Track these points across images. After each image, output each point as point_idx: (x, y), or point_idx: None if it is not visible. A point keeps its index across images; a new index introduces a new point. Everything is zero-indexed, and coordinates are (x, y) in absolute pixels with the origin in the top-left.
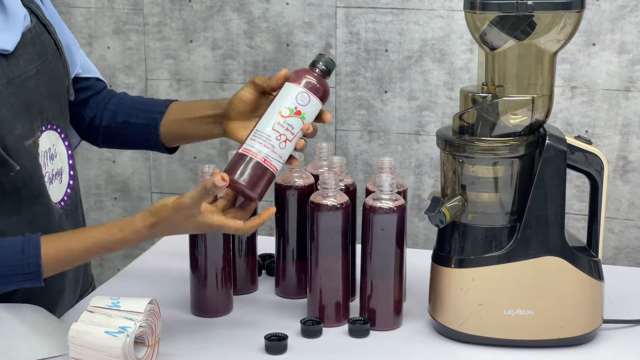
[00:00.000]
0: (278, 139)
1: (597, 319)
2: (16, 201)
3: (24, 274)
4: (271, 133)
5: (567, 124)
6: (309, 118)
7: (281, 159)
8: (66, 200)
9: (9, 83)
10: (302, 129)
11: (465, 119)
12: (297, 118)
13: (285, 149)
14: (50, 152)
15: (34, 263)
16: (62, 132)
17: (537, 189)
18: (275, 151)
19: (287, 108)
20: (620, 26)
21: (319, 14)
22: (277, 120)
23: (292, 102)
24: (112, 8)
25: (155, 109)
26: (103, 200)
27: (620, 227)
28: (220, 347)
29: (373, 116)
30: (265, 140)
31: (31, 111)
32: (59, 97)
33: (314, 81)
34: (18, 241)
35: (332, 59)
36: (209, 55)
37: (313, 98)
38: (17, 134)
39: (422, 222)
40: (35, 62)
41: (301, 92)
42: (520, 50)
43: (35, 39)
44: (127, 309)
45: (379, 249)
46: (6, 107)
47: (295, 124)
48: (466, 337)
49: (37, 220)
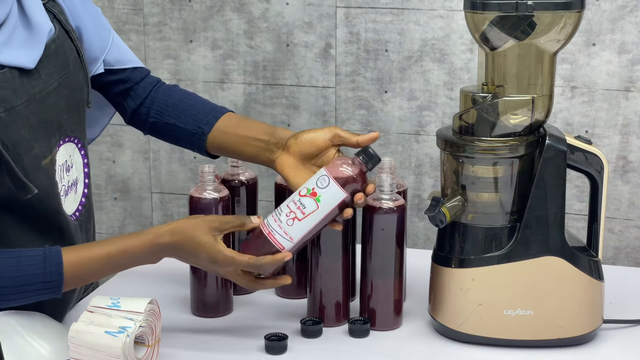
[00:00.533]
0: (287, 215)
1: (597, 319)
2: (30, 215)
3: (45, 282)
4: (283, 209)
5: (567, 124)
6: (326, 203)
7: (287, 235)
8: (81, 210)
9: (29, 101)
10: (320, 208)
11: (465, 119)
12: (312, 199)
13: (293, 227)
14: (66, 164)
15: (56, 272)
16: (79, 143)
17: (537, 189)
18: (281, 227)
19: (305, 187)
20: (620, 26)
21: (319, 14)
22: (293, 197)
23: (312, 183)
24: (112, 8)
25: (205, 118)
26: (103, 200)
27: (620, 227)
28: (220, 347)
29: (373, 116)
30: (277, 215)
31: (50, 128)
32: (78, 108)
33: (342, 168)
34: (39, 251)
35: (375, 154)
36: (209, 55)
37: (333, 183)
38: (35, 154)
39: (422, 222)
40: (57, 75)
41: (323, 175)
42: (520, 50)
43: (59, 50)
44: (127, 309)
45: (379, 249)
46: (25, 127)
47: (308, 205)
48: (466, 337)
49: (50, 233)
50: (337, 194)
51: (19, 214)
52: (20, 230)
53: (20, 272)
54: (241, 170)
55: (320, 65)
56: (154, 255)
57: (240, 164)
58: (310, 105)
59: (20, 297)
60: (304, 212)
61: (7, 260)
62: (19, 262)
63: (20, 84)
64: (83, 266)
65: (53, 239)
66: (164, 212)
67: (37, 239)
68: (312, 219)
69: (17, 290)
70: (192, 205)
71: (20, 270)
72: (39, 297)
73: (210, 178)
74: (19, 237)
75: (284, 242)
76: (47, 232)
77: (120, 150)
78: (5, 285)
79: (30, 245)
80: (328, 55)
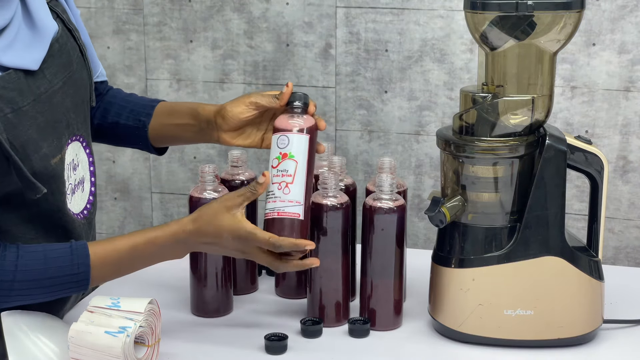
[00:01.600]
0: (279, 188)
1: (597, 319)
2: (35, 213)
3: (73, 274)
4: (272, 187)
5: (567, 124)
6: (299, 153)
7: (292, 202)
8: (89, 208)
9: (36, 101)
10: (298, 160)
11: (465, 119)
12: (286, 160)
13: (292, 192)
14: (73, 162)
15: (83, 263)
16: (84, 141)
17: (537, 189)
18: (283, 200)
19: (274, 158)
20: (620, 26)
21: (319, 14)
22: (272, 173)
23: (275, 151)
24: (112, 8)
25: (143, 111)
26: (103, 200)
27: (620, 227)
28: (220, 347)
29: (373, 116)
30: (272, 197)
31: (59, 127)
32: (83, 106)
33: (287, 120)
34: (65, 245)
35: (299, 93)
36: (209, 55)
37: (292, 135)
38: (44, 153)
39: (422, 222)
40: (61, 75)
41: (278, 137)
42: (520, 50)
43: (62, 49)
44: (127, 309)
45: (379, 249)
46: (33, 127)
47: (288, 166)
48: (466, 337)
49: (54, 232)
50: (301, 139)
51: (24, 212)
52: (25, 229)
53: (48, 265)
54: (241, 170)
55: (320, 65)
56: (180, 247)
57: (240, 163)
58: None
59: (48, 291)
60: (290, 174)
61: (35, 254)
62: (46, 255)
63: (25, 85)
64: (109, 258)
65: (57, 238)
66: (164, 212)
67: (41, 238)
68: (300, 173)
69: (45, 283)
70: (192, 205)
71: (47, 263)
72: (67, 291)
73: (210, 178)
74: (23, 235)
75: (294, 209)
76: (51, 230)
77: (120, 150)
78: (34, 278)
79: (33, 238)
80: (328, 55)
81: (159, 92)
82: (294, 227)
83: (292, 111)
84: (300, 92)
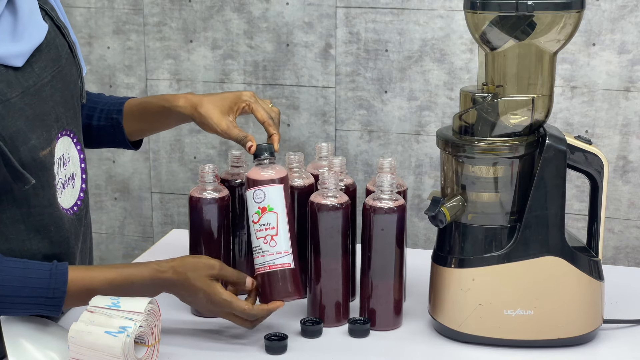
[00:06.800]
0: (265, 242)
1: (597, 319)
2: (25, 210)
3: (47, 298)
4: (257, 242)
5: (567, 124)
6: (277, 204)
7: (281, 254)
8: (79, 204)
9: (24, 93)
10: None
11: (465, 119)
12: (267, 213)
13: (278, 244)
14: (64, 157)
15: (59, 289)
16: (74, 137)
17: (537, 189)
18: (271, 253)
19: (253, 214)
20: (620, 26)
21: (319, 14)
22: (254, 229)
23: (253, 206)
24: (112, 8)
25: (113, 109)
26: (103, 200)
27: (620, 227)
28: (220, 347)
29: (373, 116)
30: (259, 252)
31: (48, 120)
32: (73, 102)
33: (259, 173)
34: (46, 266)
35: (267, 145)
36: (209, 55)
37: (266, 188)
38: (32, 145)
39: (422, 222)
40: (49, 69)
41: (254, 192)
42: (520, 50)
43: (50, 45)
44: (127, 309)
45: (379, 249)
46: (21, 118)
47: (270, 219)
48: (466, 337)
49: (45, 228)
50: (276, 189)
51: (14, 212)
52: (16, 230)
53: (24, 284)
54: (241, 170)
55: (320, 65)
56: (154, 288)
57: (240, 163)
58: (310, 105)
59: (18, 307)
60: (273, 226)
61: (13, 270)
62: (24, 274)
63: (14, 77)
64: (84, 288)
65: (49, 237)
66: (163, 212)
67: (31, 233)
68: (282, 223)
69: (16, 301)
70: (192, 205)
71: (24, 282)
72: (38, 311)
73: (210, 178)
74: (15, 237)
75: (284, 259)
76: (41, 225)
77: (120, 150)
78: (7, 294)
79: (25, 239)
80: (328, 55)
81: (158, 92)
82: (286, 277)
83: (261, 164)
84: (264, 144)
